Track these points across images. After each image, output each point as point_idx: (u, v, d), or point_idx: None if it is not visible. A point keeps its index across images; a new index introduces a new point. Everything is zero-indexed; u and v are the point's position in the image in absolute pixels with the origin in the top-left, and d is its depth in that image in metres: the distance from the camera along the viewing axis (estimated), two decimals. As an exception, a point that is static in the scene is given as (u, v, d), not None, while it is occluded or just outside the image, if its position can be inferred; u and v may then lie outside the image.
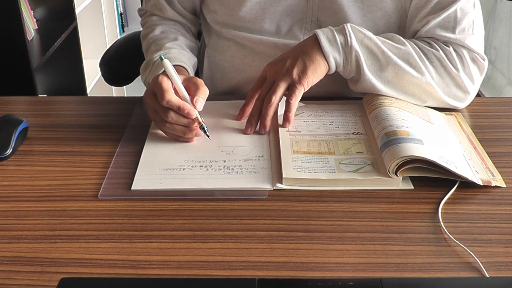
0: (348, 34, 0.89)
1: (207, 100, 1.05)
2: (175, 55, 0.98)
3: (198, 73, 1.20)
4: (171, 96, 0.82)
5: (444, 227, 0.69)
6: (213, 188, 0.76)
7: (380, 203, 0.74)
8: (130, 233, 0.68)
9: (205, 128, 0.85)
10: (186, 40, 1.07)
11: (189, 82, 0.86)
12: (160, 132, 0.89)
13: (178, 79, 0.85)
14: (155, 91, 0.84)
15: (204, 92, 0.85)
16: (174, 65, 0.91)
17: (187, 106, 0.83)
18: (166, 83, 0.83)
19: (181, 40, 1.04)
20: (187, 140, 0.86)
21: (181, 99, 0.84)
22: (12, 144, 0.84)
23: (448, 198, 0.74)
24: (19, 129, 0.86)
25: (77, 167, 0.82)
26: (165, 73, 0.85)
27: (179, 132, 0.85)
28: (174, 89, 0.84)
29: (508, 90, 2.63)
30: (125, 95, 2.79)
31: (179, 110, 0.82)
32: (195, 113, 0.83)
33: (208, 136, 0.85)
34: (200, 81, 0.87)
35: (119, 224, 0.70)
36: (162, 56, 0.86)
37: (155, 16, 1.10)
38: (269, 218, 0.71)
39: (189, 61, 1.00)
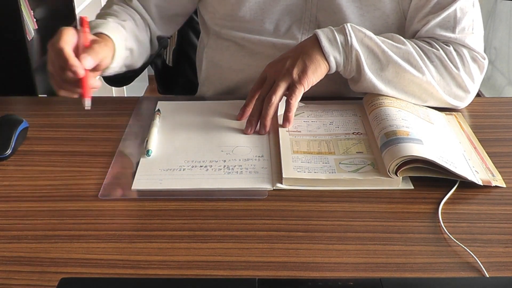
0: (348, 34, 0.89)
1: (207, 99, 1.05)
2: (107, 26, 0.93)
3: (196, 73, 1.20)
4: (64, 45, 0.79)
5: (444, 227, 0.69)
6: (213, 188, 0.76)
7: (380, 203, 0.74)
8: (130, 233, 0.68)
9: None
10: (135, 28, 1.02)
11: (94, 42, 0.84)
12: (160, 132, 0.89)
13: (83, 40, 0.82)
14: (54, 41, 0.81)
15: (95, 52, 0.82)
16: (97, 33, 0.89)
17: (77, 63, 0.79)
18: (68, 34, 0.80)
19: (128, 25, 1.00)
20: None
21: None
22: (12, 144, 0.84)
23: (448, 198, 0.74)
24: (19, 129, 0.86)
25: (77, 167, 0.82)
26: (75, 28, 0.82)
27: (66, 89, 0.83)
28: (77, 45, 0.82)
29: (508, 90, 2.63)
30: (125, 95, 2.79)
31: (66, 64, 0.79)
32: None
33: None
34: (100, 43, 0.84)
35: (119, 224, 0.70)
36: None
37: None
38: (269, 218, 0.71)
39: (120, 38, 0.94)
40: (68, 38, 0.81)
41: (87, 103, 0.83)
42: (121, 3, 1.06)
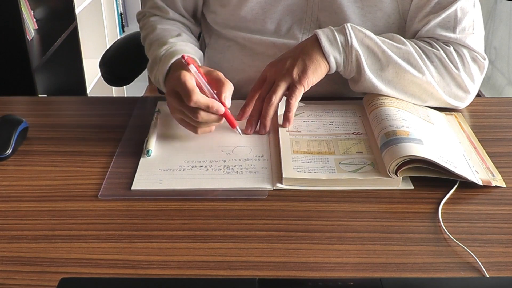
0: (348, 34, 0.89)
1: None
2: (181, 47, 0.95)
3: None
4: (198, 97, 0.80)
5: (444, 227, 0.69)
6: (213, 188, 0.76)
7: (380, 203, 0.74)
8: (130, 233, 0.68)
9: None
10: (189, 37, 1.04)
11: (211, 77, 0.85)
12: (160, 132, 0.89)
13: (202, 77, 0.83)
14: (178, 91, 0.82)
15: (229, 88, 0.85)
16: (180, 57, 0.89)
17: (216, 104, 0.82)
18: (190, 81, 0.81)
19: (184, 36, 1.02)
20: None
21: (207, 96, 0.83)
22: (12, 144, 0.84)
23: (448, 198, 0.74)
24: (19, 129, 0.86)
25: (77, 167, 0.82)
26: (186, 70, 0.83)
27: (210, 128, 0.86)
28: (198, 85, 0.83)
29: (508, 90, 2.63)
30: (125, 95, 2.79)
31: (207, 109, 0.81)
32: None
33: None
34: (221, 76, 0.86)
35: (119, 224, 0.70)
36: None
37: (155, 16, 1.08)
38: (269, 218, 0.71)
39: (196, 53, 0.97)
40: (193, 85, 0.81)
41: (240, 131, 0.88)
42: (162, 21, 1.05)
